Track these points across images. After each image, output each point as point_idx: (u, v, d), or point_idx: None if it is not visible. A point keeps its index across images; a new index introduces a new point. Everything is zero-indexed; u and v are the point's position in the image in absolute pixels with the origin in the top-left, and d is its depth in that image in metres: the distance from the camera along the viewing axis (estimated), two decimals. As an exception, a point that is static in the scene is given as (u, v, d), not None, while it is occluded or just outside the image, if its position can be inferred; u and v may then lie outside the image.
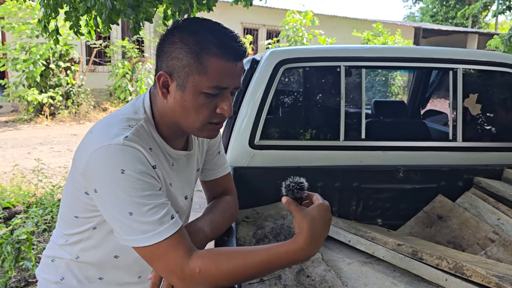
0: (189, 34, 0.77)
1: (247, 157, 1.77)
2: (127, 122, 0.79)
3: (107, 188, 0.73)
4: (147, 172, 0.75)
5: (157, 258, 0.73)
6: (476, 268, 0.97)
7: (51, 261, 0.92)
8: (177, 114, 0.80)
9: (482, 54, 1.97)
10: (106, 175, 0.73)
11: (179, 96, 0.78)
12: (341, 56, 1.87)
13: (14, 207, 3.21)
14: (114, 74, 8.88)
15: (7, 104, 8.88)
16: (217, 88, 0.77)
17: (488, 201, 1.64)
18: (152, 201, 0.73)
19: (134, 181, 0.72)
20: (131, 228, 0.72)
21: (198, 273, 0.71)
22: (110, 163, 0.73)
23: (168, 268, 0.73)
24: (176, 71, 0.77)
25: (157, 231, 0.72)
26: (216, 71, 0.75)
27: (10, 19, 7.42)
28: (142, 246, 0.72)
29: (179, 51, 0.76)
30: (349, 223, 1.57)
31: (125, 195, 0.72)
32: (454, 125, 1.89)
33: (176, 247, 0.73)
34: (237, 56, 0.78)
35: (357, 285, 1.12)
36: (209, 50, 0.75)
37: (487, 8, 8.37)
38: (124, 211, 0.72)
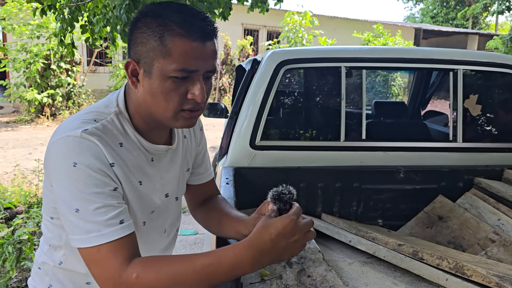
0: (152, 17, 0.72)
1: (248, 158, 1.78)
2: (94, 116, 0.76)
3: (59, 181, 0.70)
4: (101, 169, 0.71)
5: (95, 262, 0.68)
6: (477, 268, 0.97)
7: (38, 269, 0.90)
8: (148, 104, 0.75)
9: (482, 55, 1.98)
10: (60, 167, 0.70)
11: (147, 83, 0.73)
12: (342, 57, 1.88)
13: (16, 207, 3.21)
14: (115, 75, 8.89)
15: (8, 105, 8.89)
16: (184, 71, 0.71)
17: (488, 201, 1.64)
18: (101, 200, 0.69)
19: (85, 176, 0.69)
20: (76, 226, 0.68)
21: (135, 279, 0.66)
22: (64, 154, 0.70)
23: (104, 273, 0.67)
24: (143, 57, 0.72)
25: (101, 232, 0.67)
26: (181, 53, 0.70)
27: (11, 20, 7.44)
28: (83, 247, 0.68)
29: (143, 36, 0.72)
30: (350, 224, 1.57)
31: (74, 189, 0.68)
32: (455, 126, 1.90)
33: (117, 252, 0.68)
34: (204, 35, 0.71)
35: (358, 285, 1.12)
36: (172, 31, 0.70)
37: (487, 9, 8.36)
38: (72, 207, 0.68)
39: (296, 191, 0.79)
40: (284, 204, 0.77)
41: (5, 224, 2.81)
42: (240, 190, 1.56)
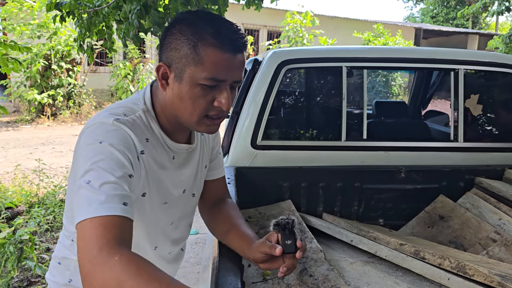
0: (187, 25, 0.76)
1: (249, 158, 1.78)
2: (124, 111, 0.79)
3: (81, 156, 0.71)
4: (125, 152, 0.72)
5: (84, 232, 0.63)
6: (479, 267, 0.97)
7: (58, 264, 0.92)
8: (175, 106, 0.79)
9: (483, 55, 1.98)
10: (86, 145, 0.72)
11: (177, 88, 0.77)
12: (343, 56, 1.88)
13: (17, 207, 3.22)
14: (115, 74, 8.90)
15: (9, 104, 8.90)
16: (213, 80, 0.74)
17: (489, 201, 1.64)
18: (115, 177, 0.68)
19: (107, 152, 0.70)
20: (83, 199, 0.66)
21: (115, 260, 0.60)
22: (93, 137, 0.73)
23: (87, 243, 0.62)
24: (175, 62, 0.76)
25: (102, 204, 0.65)
26: (213, 62, 0.73)
27: (12, 20, 7.45)
28: (80, 221, 0.64)
29: (177, 42, 0.75)
30: (351, 223, 1.57)
31: (93, 161, 0.69)
32: (456, 126, 1.90)
33: (109, 228, 0.63)
34: (236, 48, 0.75)
35: (359, 285, 1.12)
36: (206, 41, 0.73)
37: (487, 9, 8.36)
38: (85, 180, 0.67)
39: (296, 219, 0.83)
40: (289, 232, 0.81)
41: (6, 224, 2.81)
42: (241, 189, 1.56)
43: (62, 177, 4.12)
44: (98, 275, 0.59)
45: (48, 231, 3.11)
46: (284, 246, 0.80)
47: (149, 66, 9.50)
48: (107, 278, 0.59)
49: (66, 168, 4.82)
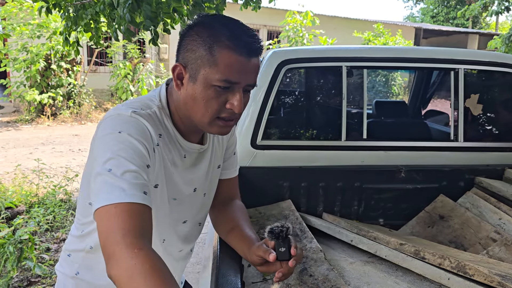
0: (204, 27, 0.78)
1: (249, 157, 1.78)
2: (140, 106, 0.81)
3: (100, 146, 0.73)
4: (143, 142, 0.75)
5: (107, 217, 0.65)
6: (479, 267, 0.97)
7: (67, 256, 0.94)
8: (188, 107, 0.81)
9: (483, 55, 1.98)
10: (104, 135, 0.74)
11: (191, 88, 0.78)
12: (343, 56, 1.88)
13: (17, 207, 3.22)
14: (115, 74, 8.89)
15: (8, 104, 8.90)
16: (227, 81, 0.76)
17: (489, 201, 1.64)
18: (135, 166, 0.70)
19: (127, 142, 0.72)
20: (103, 186, 0.67)
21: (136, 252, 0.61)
22: (111, 126, 0.75)
23: (111, 227, 0.64)
24: (190, 63, 0.78)
25: (125, 192, 0.66)
26: (227, 64, 0.75)
27: (11, 20, 7.45)
28: (101, 207, 0.66)
29: (194, 44, 0.77)
30: (351, 223, 1.57)
31: (113, 151, 0.70)
32: (456, 125, 1.90)
33: (133, 216, 0.65)
34: (250, 51, 0.76)
35: (359, 284, 1.12)
36: (221, 43, 0.75)
37: (487, 9, 8.36)
38: (105, 168, 0.69)
39: (291, 226, 0.83)
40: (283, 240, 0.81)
41: (6, 224, 2.81)
42: (241, 189, 1.55)
43: (62, 177, 4.11)
44: (121, 260, 0.61)
45: (48, 231, 3.11)
46: (278, 253, 0.81)
47: (149, 66, 9.49)
48: (123, 266, 0.61)
49: (66, 168, 4.82)
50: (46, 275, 2.49)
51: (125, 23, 2.31)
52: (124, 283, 0.60)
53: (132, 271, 0.60)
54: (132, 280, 0.59)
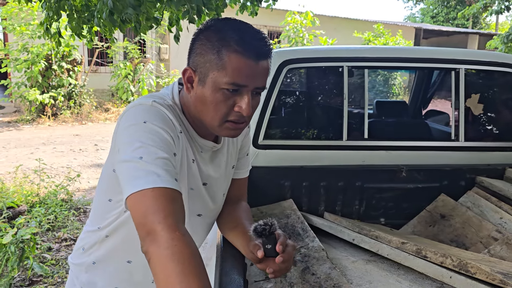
0: (213, 31, 0.79)
1: (251, 157, 1.78)
2: (158, 98, 0.82)
3: (127, 137, 0.74)
4: (168, 131, 0.76)
5: (144, 200, 0.65)
6: (481, 265, 0.98)
7: (82, 250, 0.96)
8: (198, 110, 0.82)
9: (484, 55, 1.98)
10: (129, 126, 0.75)
11: (200, 91, 0.79)
12: (344, 56, 1.88)
13: (18, 206, 3.22)
14: (116, 74, 8.90)
15: (9, 104, 8.90)
16: (235, 84, 0.76)
17: (490, 200, 1.65)
18: (165, 153, 0.72)
19: (153, 131, 0.73)
20: (136, 171, 0.68)
21: (181, 235, 0.62)
22: (135, 117, 0.76)
23: (153, 209, 0.64)
24: (199, 66, 0.79)
25: (160, 177, 0.68)
26: (235, 68, 0.75)
27: (12, 20, 7.45)
28: (136, 191, 0.66)
29: (203, 48, 0.79)
30: (353, 222, 1.58)
31: (141, 141, 0.71)
32: (456, 125, 1.90)
33: (171, 200, 0.67)
34: (258, 55, 0.77)
35: (362, 283, 1.13)
36: (229, 47, 0.76)
37: (487, 9, 8.36)
38: (135, 157, 0.70)
39: (275, 223, 0.83)
40: (266, 237, 0.82)
41: (7, 223, 2.82)
42: (243, 189, 1.56)
43: (63, 177, 4.12)
44: (162, 239, 0.62)
45: (50, 231, 3.11)
46: (265, 250, 0.81)
47: (150, 66, 9.50)
48: (164, 245, 0.61)
49: (67, 167, 4.83)
50: (47, 275, 2.50)
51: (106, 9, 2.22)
52: (161, 262, 0.60)
53: (172, 251, 0.61)
54: (170, 260, 0.60)
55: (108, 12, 2.29)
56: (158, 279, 0.60)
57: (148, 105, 0.78)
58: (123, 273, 0.93)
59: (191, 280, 0.59)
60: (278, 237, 0.82)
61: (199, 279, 0.59)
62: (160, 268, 0.60)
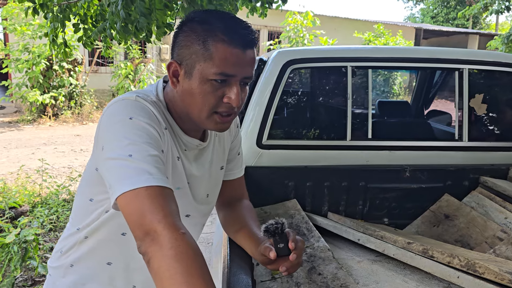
0: (198, 22, 0.77)
1: (255, 157, 1.78)
2: (142, 94, 0.80)
3: (112, 134, 0.71)
4: (155, 127, 0.74)
5: (140, 199, 0.63)
6: (489, 265, 0.98)
7: (60, 252, 0.93)
8: (185, 103, 0.79)
9: (488, 55, 1.98)
10: (114, 122, 0.72)
11: (187, 84, 0.77)
12: (348, 56, 1.88)
13: (20, 206, 3.22)
14: (116, 75, 8.91)
15: (10, 105, 8.90)
16: (223, 74, 0.74)
17: (495, 200, 1.65)
18: (155, 150, 0.70)
19: (141, 128, 0.71)
20: (126, 170, 0.66)
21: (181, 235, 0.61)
22: (119, 112, 0.73)
23: (151, 208, 0.63)
24: (185, 59, 0.77)
25: (153, 176, 0.66)
26: (222, 57, 0.74)
27: (13, 20, 7.45)
28: (129, 190, 0.64)
29: (188, 39, 0.76)
30: (357, 222, 1.58)
31: (129, 138, 0.69)
32: (460, 125, 1.90)
33: (168, 198, 0.65)
34: (245, 43, 0.75)
35: (368, 283, 1.13)
36: (215, 36, 0.74)
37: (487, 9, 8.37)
38: (124, 155, 0.67)
39: (285, 222, 0.82)
40: (279, 236, 0.81)
41: (10, 223, 2.81)
42: (247, 189, 1.56)
43: (64, 177, 4.12)
44: (164, 238, 0.60)
45: (52, 231, 3.11)
46: (277, 249, 0.81)
47: (150, 66, 9.50)
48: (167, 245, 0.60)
49: (69, 168, 4.83)
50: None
51: (120, 20, 2.27)
52: (165, 262, 0.59)
53: (176, 251, 0.59)
54: (174, 260, 0.59)
55: (121, 23, 2.33)
56: (161, 279, 0.59)
57: (131, 99, 0.76)
58: (102, 276, 0.89)
59: (196, 280, 0.58)
60: (289, 235, 0.82)
61: (203, 279, 0.59)
62: (164, 268, 0.59)
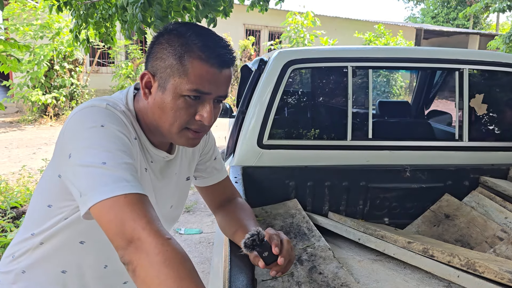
0: (176, 36, 0.75)
1: (256, 157, 1.79)
2: (112, 102, 0.78)
3: (83, 141, 0.68)
4: (127, 136, 0.72)
5: (120, 207, 0.61)
6: (489, 264, 0.98)
7: (12, 257, 0.88)
8: (156, 116, 0.78)
9: (488, 55, 1.99)
10: (84, 129, 0.69)
11: (159, 97, 0.76)
12: (348, 56, 1.89)
13: (22, 206, 3.23)
14: (117, 75, 8.92)
15: (11, 105, 8.92)
16: (197, 91, 0.73)
17: (495, 200, 1.65)
18: (129, 158, 0.68)
19: (114, 135, 0.69)
20: (100, 178, 0.64)
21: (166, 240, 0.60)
22: (90, 119, 0.71)
23: (133, 216, 0.61)
24: (159, 71, 0.75)
25: (130, 183, 0.64)
26: (197, 75, 0.73)
27: (14, 20, 7.47)
28: (106, 199, 0.62)
29: (164, 52, 0.75)
30: (357, 222, 1.58)
31: (101, 145, 0.67)
32: (460, 125, 1.91)
33: (147, 206, 0.64)
34: (222, 63, 0.74)
35: (368, 282, 1.13)
36: (192, 53, 0.73)
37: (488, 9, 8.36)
38: (97, 162, 0.65)
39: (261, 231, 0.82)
40: (259, 247, 0.81)
41: (12, 223, 2.82)
42: (248, 188, 1.57)
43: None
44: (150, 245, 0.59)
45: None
46: (264, 259, 0.81)
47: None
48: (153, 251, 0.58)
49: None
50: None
51: (137, 22, 2.34)
52: (153, 268, 0.58)
53: (164, 257, 0.58)
54: (163, 266, 0.58)
55: (138, 25, 2.38)
56: (150, 286, 0.58)
57: (102, 107, 0.74)
58: (56, 284, 0.85)
59: (188, 284, 0.58)
60: (271, 240, 0.81)
61: (195, 283, 0.59)
62: (153, 274, 0.58)
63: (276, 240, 0.81)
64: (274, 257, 0.80)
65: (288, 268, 0.84)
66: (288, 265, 0.83)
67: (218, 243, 1.39)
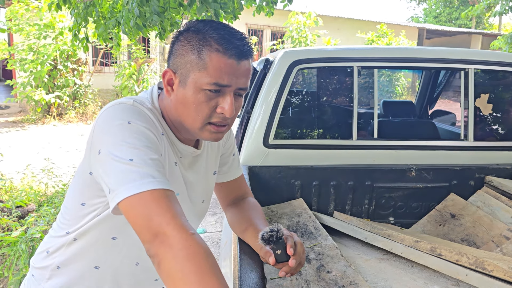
0: (194, 32, 0.77)
1: (262, 156, 1.80)
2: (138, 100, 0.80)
3: (110, 138, 0.70)
4: (153, 132, 0.74)
5: (147, 203, 0.64)
6: (498, 263, 0.99)
7: (47, 253, 0.90)
8: (179, 112, 0.79)
9: (493, 55, 1.99)
10: (112, 126, 0.71)
11: (181, 93, 0.77)
12: (354, 56, 1.89)
13: (27, 205, 3.25)
14: (120, 74, 8.94)
15: (14, 104, 8.95)
16: (217, 85, 0.75)
17: (500, 199, 1.66)
18: (155, 154, 0.70)
19: (140, 132, 0.71)
20: (129, 174, 0.66)
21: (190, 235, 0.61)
22: (117, 116, 0.73)
23: (158, 211, 0.63)
24: (180, 68, 0.77)
25: (156, 179, 0.66)
26: (216, 67, 0.74)
27: (18, 20, 7.50)
28: (133, 195, 0.64)
29: (183, 49, 0.77)
30: (363, 221, 1.59)
31: (128, 142, 0.69)
32: (466, 125, 1.91)
33: (173, 202, 0.66)
34: (240, 54, 0.75)
35: (377, 281, 1.14)
36: (210, 46, 0.74)
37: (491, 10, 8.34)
38: (125, 159, 0.67)
39: (281, 228, 0.82)
40: (275, 243, 0.81)
41: (17, 222, 2.84)
42: (254, 188, 1.57)
43: (70, 176, 4.14)
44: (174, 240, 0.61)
45: (58, 230, 3.13)
46: (276, 256, 0.82)
47: (154, 66, 9.53)
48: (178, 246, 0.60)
49: (73, 167, 4.85)
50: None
51: (134, 17, 2.32)
52: (177, 262, 0.59)
53: (188, 252, 0.60)
54: (187, 260, 0.59)
55: (135, 20, 2.38)
56: (174, 279, 0.59)
57: (129, 104, 0.76)
58: (89, 280, 0.88)
59: (210, 279, 0.59)
60: (286, 240, 0.82)
61: (217, 278, 0.60)
62: (176, 268, 0.59)
63: (291, 241, 0.82)
64: (286, 257, 0.81)
65: (297, 271, 0.85)
66: (297, 267, 0.84)
67: (225, 242, 1.40)
